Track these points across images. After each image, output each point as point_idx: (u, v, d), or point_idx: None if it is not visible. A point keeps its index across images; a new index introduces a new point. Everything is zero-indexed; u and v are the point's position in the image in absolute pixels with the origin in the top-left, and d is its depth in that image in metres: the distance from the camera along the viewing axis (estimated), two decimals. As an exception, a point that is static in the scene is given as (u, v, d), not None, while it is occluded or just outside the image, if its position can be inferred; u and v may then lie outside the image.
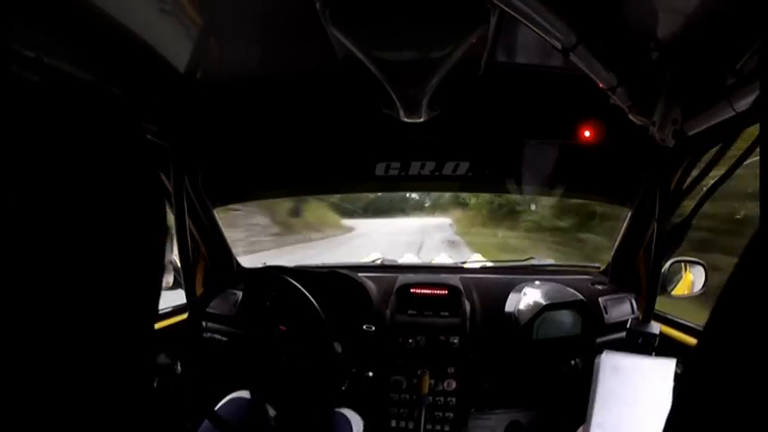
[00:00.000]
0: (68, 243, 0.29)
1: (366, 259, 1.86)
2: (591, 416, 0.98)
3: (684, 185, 1.11)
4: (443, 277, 1.39)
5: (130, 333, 0.34)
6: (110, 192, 0.32)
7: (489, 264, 1.73)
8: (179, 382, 1.10)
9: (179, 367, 1.10)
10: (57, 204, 0.29)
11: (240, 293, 1.36)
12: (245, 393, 1.20)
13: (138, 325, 0.35)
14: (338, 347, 1.09)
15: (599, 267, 1.53)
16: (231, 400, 1.19)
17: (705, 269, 1.34)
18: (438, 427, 1.26)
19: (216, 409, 0.99)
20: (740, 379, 0.21)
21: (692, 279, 1.35)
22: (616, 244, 1.42)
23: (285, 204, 8.48)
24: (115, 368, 0.33)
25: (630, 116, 0.88)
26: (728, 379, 0.22)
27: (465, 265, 1.69)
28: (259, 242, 7.26)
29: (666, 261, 1.26)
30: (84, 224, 0.30)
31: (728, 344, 0.22)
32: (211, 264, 1.48)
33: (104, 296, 0.31)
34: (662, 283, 1.26)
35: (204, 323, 1.35)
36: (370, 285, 1.38)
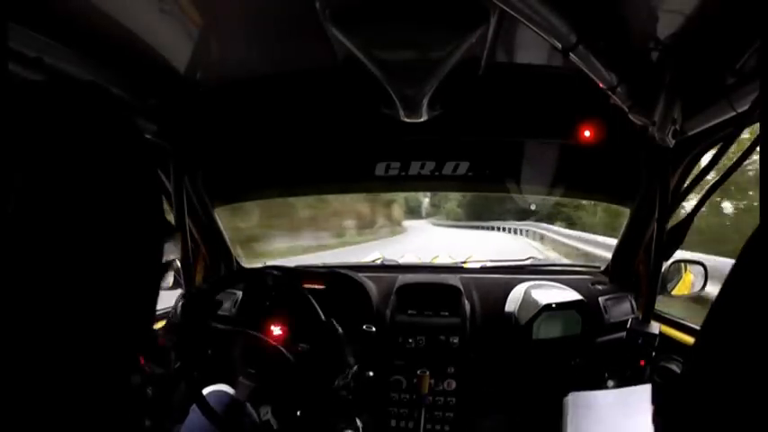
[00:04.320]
0: (66, 242, 0.29)
1: (366, 259, 1.86)
2: None
3: (684, 185, 1.11)
4: (443, 277, 1.39)
5: (128, 332, 0.34)
6: (108, 191, 0.32)
7: (489, 264, 1.73)
8: (177, 380, 1.09)
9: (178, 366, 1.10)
10: (54, 204, 0.29)
11: (240, 293, 1.36)
12: (224, 387, 1.19)
13: (135, 324, 0.35)
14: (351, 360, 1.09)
15: (599, 267, 1.53)
16: (212, 392, 1.18)
17: (705, 269, 1.33)
18: (438, 427, 1.26)
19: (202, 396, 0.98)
20: (739, 376, 0.21)
21: (692, 279, 1.34)
22: (616, 244, 1.42)
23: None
24: (112, 366, 0.33)
25: (630, 116, 0.88)
26: (727, 376, 0.22)
27: (465, 265, 1.69)
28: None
29: (666, 261, 1.26)
30: (82, 223, 0.30)
31: (727, 341, 0.22)
32: (211, 264, 1.48)
33: (102, 295, 0.31)
34: (662, 283, 1.26)
35: None
36: (370, 285, 1.38)
